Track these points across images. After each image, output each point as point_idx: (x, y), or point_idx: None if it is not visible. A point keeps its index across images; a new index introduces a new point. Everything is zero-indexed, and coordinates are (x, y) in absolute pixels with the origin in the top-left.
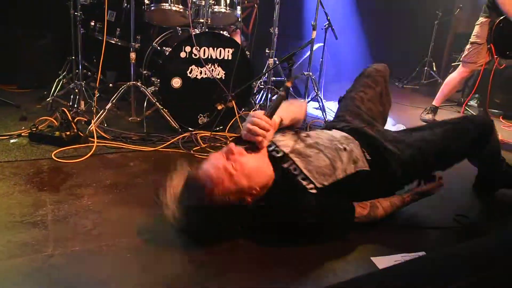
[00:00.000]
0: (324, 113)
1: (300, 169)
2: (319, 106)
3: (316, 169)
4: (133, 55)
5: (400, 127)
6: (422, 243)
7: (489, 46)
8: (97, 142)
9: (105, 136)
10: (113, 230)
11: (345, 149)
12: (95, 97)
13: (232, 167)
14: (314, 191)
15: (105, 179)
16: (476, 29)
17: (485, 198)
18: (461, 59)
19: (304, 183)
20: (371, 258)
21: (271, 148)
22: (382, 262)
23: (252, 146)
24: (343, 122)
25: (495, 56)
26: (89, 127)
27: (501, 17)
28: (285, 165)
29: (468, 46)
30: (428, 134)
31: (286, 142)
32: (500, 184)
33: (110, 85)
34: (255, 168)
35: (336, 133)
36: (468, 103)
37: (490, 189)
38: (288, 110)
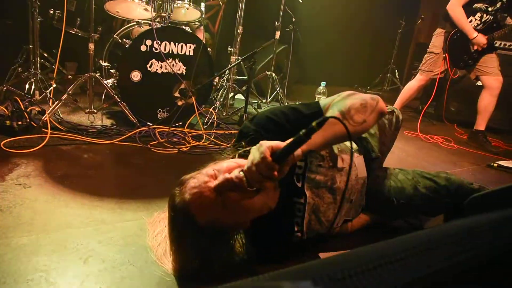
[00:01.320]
0: None
1: (303, 213)
2: (280, 105)
3: (314, 223)
4: (91, 46)
5: None
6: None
7: (444, 56)
8: (51, 134)
9: (60, 127)
10: (59, 222)
11: (350, 200)
12: (51, 88)
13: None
14: (299, 235)
15: (56, 171)
16: (433, 39)
17: None
18: (419, 68)
19: (296, 228)
20: (319, 254)
21: (298, 171)
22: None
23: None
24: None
25: (450, 66)
26: (43, 117)
27: (456, 29)
28: (295, 199)
29: (425, 55)
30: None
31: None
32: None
33: (69, 76)
34: (250, 207)
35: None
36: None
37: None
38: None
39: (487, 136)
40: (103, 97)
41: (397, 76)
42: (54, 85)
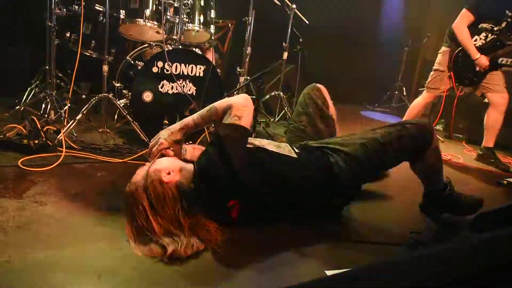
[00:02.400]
0: None
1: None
2: (288, 124)
3: None
4: (105, 68)
5: None
6: (376, 258)
7: (449, 74)
8: (66, 152)
9: (74, 146)
10: (74, 238)
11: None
12: (66, 107)
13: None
14: None
15: (70, 188)
16: (439, 57)
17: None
18: (425, 85)
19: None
20: (325, 271)
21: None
22: None
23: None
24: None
25: (455, 84)
26: (58, 136)
27: (460, 47)
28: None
29: (431, 73)
30: (370, 133)
31: None
32: (442, 207)
33: (83, 96)
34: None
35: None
36: (435, 127)
37: (433, 212)
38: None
39: (496, 153)
40: (115, 116)
41: (404, 94)
42: (69, 105)
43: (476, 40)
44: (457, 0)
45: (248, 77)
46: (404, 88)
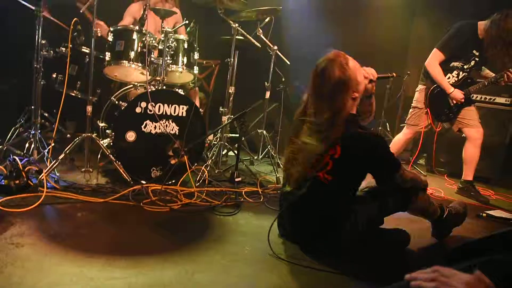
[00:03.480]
0: (275, 168)
1: None
2: (271, 161)
3: None
4: (89, 108)
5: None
6: None
7: (426, 110)
8: (47, 192)
9: (56, 186)
10: (49, 281)
11: None
12: (49, 147)
13: None
14: None
15: (49, 229)
16: (416, 95)
17: None
18: (405, 122)
19: None
20: None
21: None
22: None
23: None
24: None
25: (432, 120)
26: (40, 176)
27: (435, 85)
28: None
29: (410, 110)
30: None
31: None
32: (446, 230)
33: (68, 135)
34: None
35: None
36: (417, 162)
37: (443, 235)
38: None
39: (476, 186)
40: (99, 156)
41: (388, 129)
42: (52, 145)
43: (449, 77)
44: (434, 39)
45: (232, 116)
46: (387, 124)
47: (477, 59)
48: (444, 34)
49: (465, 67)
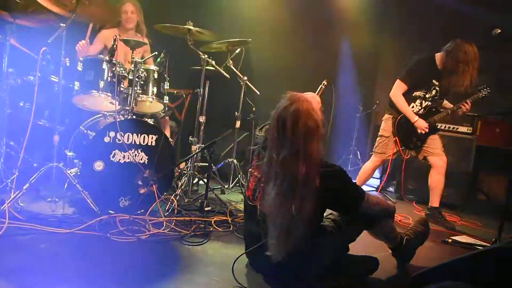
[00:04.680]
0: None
1: None
2: (241, 191)
3: None
4: (56, 138)
5: None
6: None
7: (395, 139)
8: (9, 223)
9: (19, 217)
10: None
11: None
12: (13, 177)
13: None
14: None
15: (9, 263)
16: (382, 124)
17: None
18: (373, 150)
19: None
20: None
21: None
22: None
23: None
24: None
25: (401, 148)
26: (2, 207)
27: (401, 114)
28: None
29: (377, 139)
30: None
31: None
32: (408, 256)
33: (35, 164)
34: None
35: None
36: (387, 189)
37: (405, 260)
38: None
39: (442, 212)
40: (66, 185)
41: (359, 157)
42: (16, 174)
43: (413, 107)
44: (399, 70)
45: (202, 145)
46: (358, 152)
47: (437, 88)
48: (405, 66)
49: (427, 96)
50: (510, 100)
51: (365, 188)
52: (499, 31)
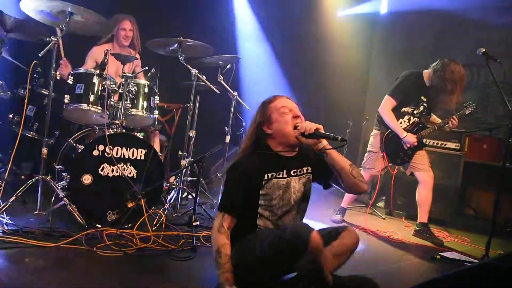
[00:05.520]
0: None
1: None
2: None
3: None
4: (44, 150)
5: None
6: None
7: (382, 154)
8: None
9: (4, 229)
10: None
11: None
12: None
13: None
14: None
15: None
16: (371, 139)
17: None
18: (362, 165)
19: None
20: None
21: None
22: None
23: None
24: None
25: (388, 163)
26: None
27: (389, 130)
28: None
29: (366, 154)
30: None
31: None
32: None
33: (22, 177)
34: None
35: None
36: (376, 205)
37: None
38: None
39: (431, 228)
40: (53, 199)
41: None
42: (2, 187)
43: (401, 122)
44: (389, 86)
45: (191, 159)
46: None
47: (425, 104)
48: (394, 81)
49: (415, 112)
50: (496, 116)
51: (355, 204)
52: (483, 50)
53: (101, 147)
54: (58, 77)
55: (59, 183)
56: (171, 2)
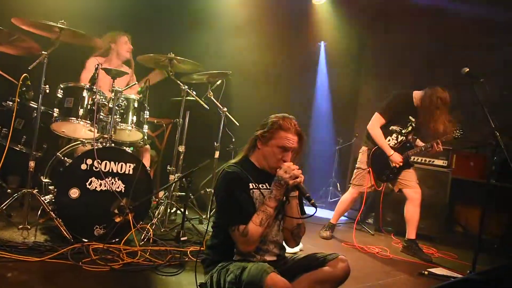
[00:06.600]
0: None
1: None
2: None
3: None
4: (32, 164)
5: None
6: None
7: (368, 170)
8: None
9: None
10: None
11: None
12: None
13: None
14: None
15: None
16: (359, 156)
17: None
18: (350, 182)
19: None
20: None
21: None
22: None
23: None
24: None
25: (374, 180)
26: None
27: (376, 146)
28: None
29: (355, 171)
30: None
31: None
32: None
33: (9, 190)
34: None
35: None
36: (366, 221)
37: None
38: None
39: (419, 244)
40: (39, 212)
41: (339, 189)
42: None
43: (389, 140)
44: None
45: (180, 174)
46: (338, 184)
47: (413, 124)
48: (384, 99)
49: (403, 131)
50: (483, 134)
51: (343, 219)
52: (467, 70)
53: (89, 161)
54: (47, 90)
55: (46, 196)
56: (162, 19)
